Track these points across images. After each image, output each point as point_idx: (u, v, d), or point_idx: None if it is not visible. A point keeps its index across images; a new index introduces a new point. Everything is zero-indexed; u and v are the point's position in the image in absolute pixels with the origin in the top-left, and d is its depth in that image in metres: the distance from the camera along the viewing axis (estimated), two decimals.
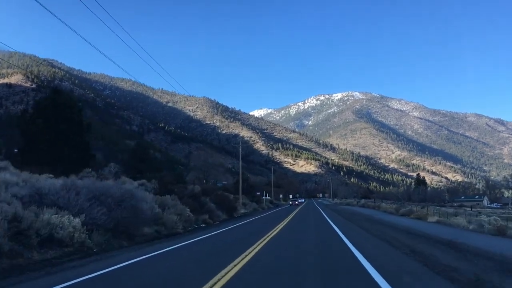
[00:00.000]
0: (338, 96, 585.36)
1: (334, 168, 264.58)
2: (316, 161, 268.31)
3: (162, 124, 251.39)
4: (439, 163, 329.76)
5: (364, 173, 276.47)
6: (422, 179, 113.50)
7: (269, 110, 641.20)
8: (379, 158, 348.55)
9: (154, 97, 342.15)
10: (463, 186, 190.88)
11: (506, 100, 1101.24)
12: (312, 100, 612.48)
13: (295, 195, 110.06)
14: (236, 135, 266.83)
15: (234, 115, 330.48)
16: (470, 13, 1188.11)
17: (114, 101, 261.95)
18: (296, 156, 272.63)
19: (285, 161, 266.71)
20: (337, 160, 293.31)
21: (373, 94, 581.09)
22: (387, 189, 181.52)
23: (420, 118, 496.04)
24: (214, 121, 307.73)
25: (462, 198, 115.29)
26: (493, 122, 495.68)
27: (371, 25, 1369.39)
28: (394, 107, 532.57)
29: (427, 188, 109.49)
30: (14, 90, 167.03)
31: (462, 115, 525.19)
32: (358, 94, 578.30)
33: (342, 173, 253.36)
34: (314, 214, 34.11)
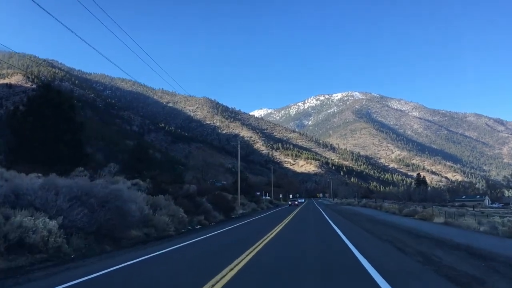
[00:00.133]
0: (338, 96, 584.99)
1: (334, 168, 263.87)
2: (316, 161, 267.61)
3: (163, 124, 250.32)
4: (439, 163, 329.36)
5: (364, 173, 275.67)
6: (422, 179, 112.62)
7: (269, 110, 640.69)
8: (379, 158, 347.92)
9: (155, 97, 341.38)
10: (463, 186, 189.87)
11: (506, 100, 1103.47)
12: (312, 100, 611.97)
13: (295, 195, 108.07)
14: (236, 135, 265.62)
15: (234, 115, 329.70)
16: (470, 13, 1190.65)
17: (114, 101, 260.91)
18: (296, 156, 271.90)
19: (285, 161, 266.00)
20: (337, 160, 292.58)
21: (373, 94, 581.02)
22: (387, 189, 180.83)
23: (419, 118, 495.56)
24: (214, 121, 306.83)
25: (463, 197, 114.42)
26: (492, 122, 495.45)
27: (371, 25, 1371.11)
28: (394, 107, 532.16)
29: (428, 187, 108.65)
30: (14, 90, 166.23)
31: (462, 115, 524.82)
32: (358, 94, 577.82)
33: (342, 173, 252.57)
34: (315, 216, 31.75)
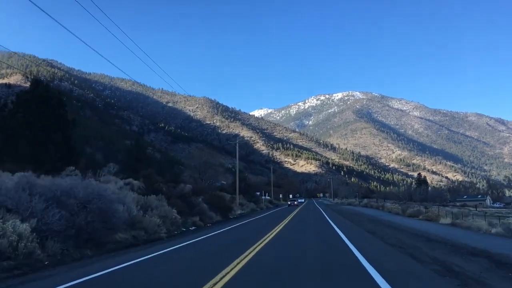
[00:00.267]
0: (338, 96, 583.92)
1: (334, 168, 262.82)
2: (316, 161, 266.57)
3: (162, 124, 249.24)
4: (440, 163, 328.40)
5: (364, 172, 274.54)
6: (423, 179, 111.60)
7: (269, 110, 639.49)
8: (380, 158, 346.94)
9: (154, 97, 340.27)
10: (464, 186, 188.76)
11: (507, 99, 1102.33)
12: (312, 100, 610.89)
13: (295, 195, 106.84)
14: (236, 135, 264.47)
15: (234, 115, 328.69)
16: (470, 13, 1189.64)
17: (114, 101, 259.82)
18: (296, 156, 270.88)
19: (285, 161, 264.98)
20: (337, 160, 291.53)
21: (373, 94, 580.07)
22: (388, 188, 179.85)
23: (420, 118, 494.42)
24: (214, 121, 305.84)
25: (465, 197, 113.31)
26: (493, 122, 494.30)
27: (371, 25, 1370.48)
28: (394, 107, 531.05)
29: (428, 187, 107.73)
30: (14, 90, 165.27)
31: (463, 115, 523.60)
32: (359, 94, 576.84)
33: (342, 172, 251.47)
34: (315, 216, 30.71)
